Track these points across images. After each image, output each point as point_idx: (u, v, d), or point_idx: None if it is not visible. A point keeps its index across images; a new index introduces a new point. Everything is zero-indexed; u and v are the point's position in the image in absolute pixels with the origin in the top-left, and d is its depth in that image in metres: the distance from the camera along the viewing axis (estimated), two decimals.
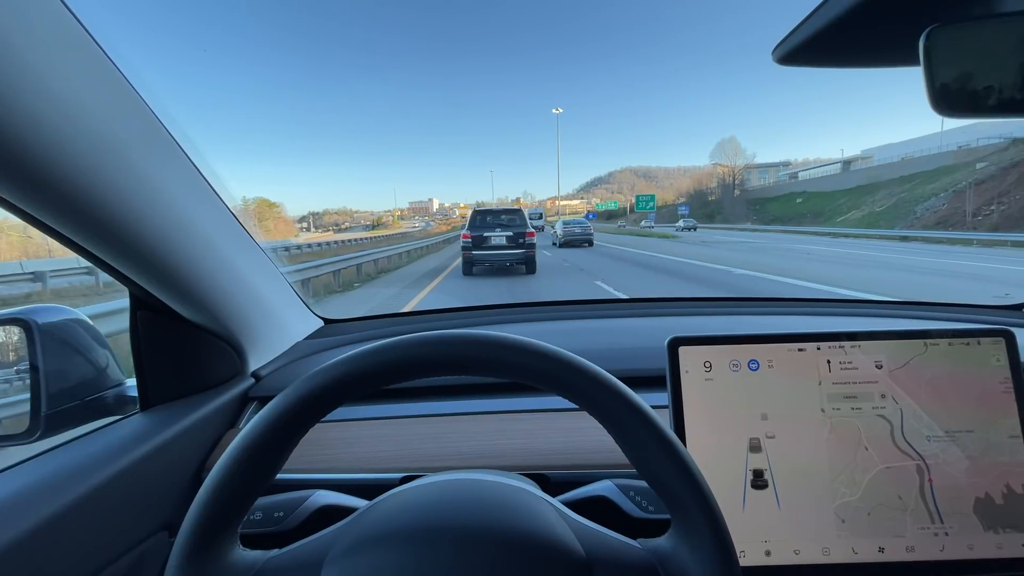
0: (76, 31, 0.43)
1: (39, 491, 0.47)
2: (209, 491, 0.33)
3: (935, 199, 30.94)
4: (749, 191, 71.96)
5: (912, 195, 34.11)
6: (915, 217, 30.84)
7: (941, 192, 31.16)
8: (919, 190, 34.03)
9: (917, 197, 33.15)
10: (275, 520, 0.55)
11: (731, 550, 0.33)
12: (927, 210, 30.58)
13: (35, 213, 0.45)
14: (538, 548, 0.34)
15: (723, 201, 73.01)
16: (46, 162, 0.40)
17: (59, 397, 0.60)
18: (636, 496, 0.55)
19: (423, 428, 0.69)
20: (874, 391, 0.51)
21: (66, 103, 0.40)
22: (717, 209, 69.47)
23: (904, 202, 34.00)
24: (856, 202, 41.43)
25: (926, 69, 0.38)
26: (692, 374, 0.52)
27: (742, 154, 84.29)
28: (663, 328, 0.85)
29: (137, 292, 0.61)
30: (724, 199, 73.95)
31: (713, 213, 67.43)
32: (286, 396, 0.34)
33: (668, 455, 0.33)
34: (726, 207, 69.36)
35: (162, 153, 0.54)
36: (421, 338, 0.34)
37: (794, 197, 55.17)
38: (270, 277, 0.80)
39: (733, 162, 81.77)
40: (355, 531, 0.36)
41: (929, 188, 32.98)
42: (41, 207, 0.44)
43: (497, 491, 0.39)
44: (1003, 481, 0.48)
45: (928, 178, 35.10)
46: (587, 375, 0.34)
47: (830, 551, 0.49)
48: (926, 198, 31.93)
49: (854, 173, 49.05)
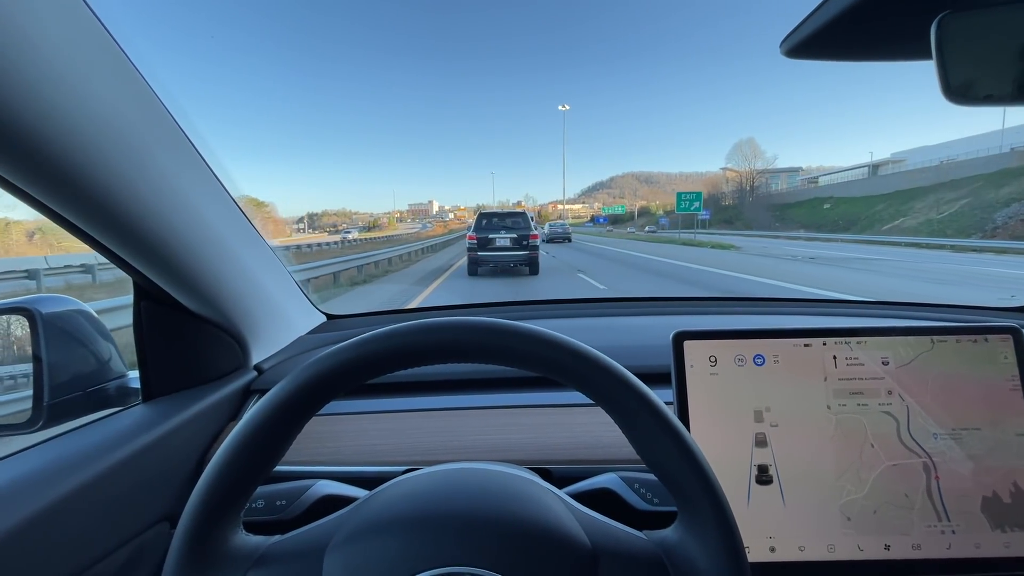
0: (92, 24, 0.46)
1: (39, 479, 0.49)
2: (210, 478, 0.35)
3: (1019, 204, 28.35)
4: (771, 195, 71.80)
5: (979, 200, 32.18)
6: (995, 226, 27.84)
7: (1021, 197, 28.79)
8: (987, 195, 32.09)
9: (988, 203, 31.06)
10: (277, 508, 0.58)
11: (738, 541, 0.34)
12: (1011, 217, 27.59)
13: (46, 201, 0.48)
14: (544, 538, 0.35)
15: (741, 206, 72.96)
16: (59, 152, 0.43)
17: (62, 387, 0.63)
18: (641, 488, 0.57)
19: (427, 422, 0.72)
20: (880, 388, 0.53)
21: (79, 95, 0.43)
22: (736, 214, 69.34)
23: (973, 208, 31.90)
24: (901, 208, 39.95)
25: (938, 57, 0.40)
26: (697, 369, 0.55)
27: (762, 156, 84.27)
28: (668, 326, 0.88)
29: (142, 282, 0.64)
30: (742, 204, 73.90)
31: (732, 218, 67.28)
32: (287, 383, 0.35)
33: (676, 445, 0.35)
34: (746, 212, 69.24)
35: (171, 144, 0.57)
36: (423, 325, 0.36)
37: (820, 202, 54.81)
38: (274, 271, 0.84)
39: (751, 165, 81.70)
40: (359, 518, 0.38)
41: (1003, 192, 30.93)
42: (52, 195, 0.47)
43: (502, 480, 0.41)
44: (1010, 479, 0.51)
45: (992, 182, 33.19)
46: (592, 362, 0.35)
47: (835, 548, 0.51)
48: (1004, 203, 29.55)
49: (885, 178, 48.46)
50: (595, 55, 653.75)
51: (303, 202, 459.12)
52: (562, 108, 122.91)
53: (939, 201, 35.67)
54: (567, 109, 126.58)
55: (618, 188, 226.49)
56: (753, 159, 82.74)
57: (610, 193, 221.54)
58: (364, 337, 0.36)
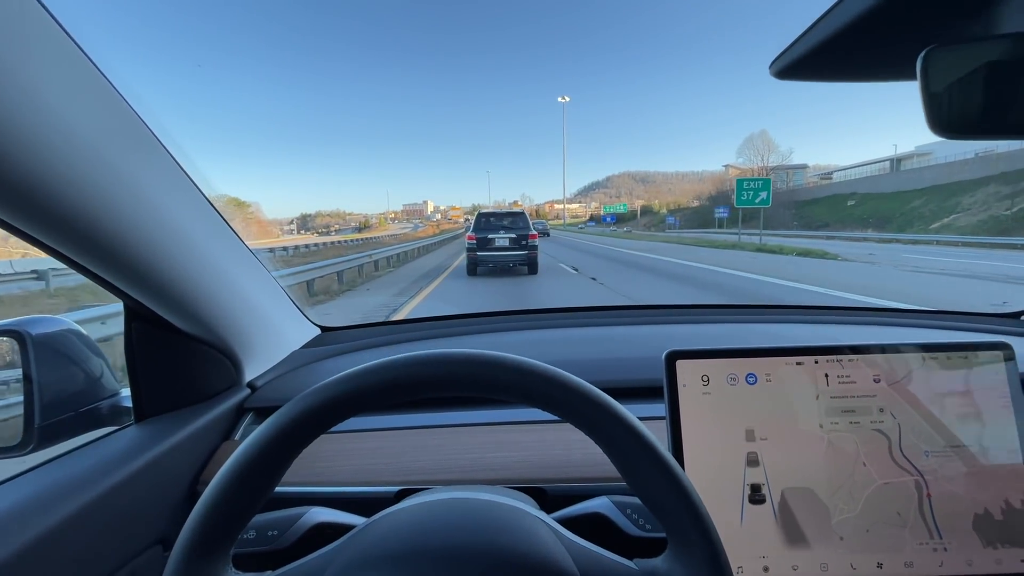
0: (59, 37, 0.45)
1: (32, 507, 0.51)
2: (206, 507, 0.36)
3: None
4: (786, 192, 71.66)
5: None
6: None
7: None
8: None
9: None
10: (269, 539, 0.60)
11: (727, 572, 0.36)
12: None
13: (22, 227, 0.48)
14: (532, 569, 0.38)
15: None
16: (33, 173, 0.43)
17: (53, 408, 0.66)
18: (633, 514, 0.60)
19: (419, 440, 0.76)
20: (872, 405, 0.57)
21: (52, 112, 0.44)
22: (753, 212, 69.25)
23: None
24: (944, 205, 38.22)
25: (924, 91, 0.43)
26: (690, 388, 0.58)
27: (776, 150, 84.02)
28: (661, 337, 0.92)
29: (131, 304, 0.67)
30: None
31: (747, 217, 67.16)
32: (287, 411, 0.37)
33: (663, 476, 0.37)
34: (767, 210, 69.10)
35: (153, 162, 0.58)
36: (421, 357, 0.39)
37: (842, 199, 54.29)
38: (265, 285, 0.87)
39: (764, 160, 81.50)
40: (348, 553, 0.40)
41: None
42: (29, 220, 0.48)
43: (491, 511, 0.43)
44: (1002, 496, 0.54)
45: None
46: (580, 394, 0.38)
47: (828, 567, 0.54)
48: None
49: (915, 172, 47.51)
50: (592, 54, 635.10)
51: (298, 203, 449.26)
52: (562, 100, 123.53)
53: (994, 196, 34.02)
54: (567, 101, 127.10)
55: (615, 188, 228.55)
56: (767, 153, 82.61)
57: (607, 193, 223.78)
58: (368, 367, 0.39)
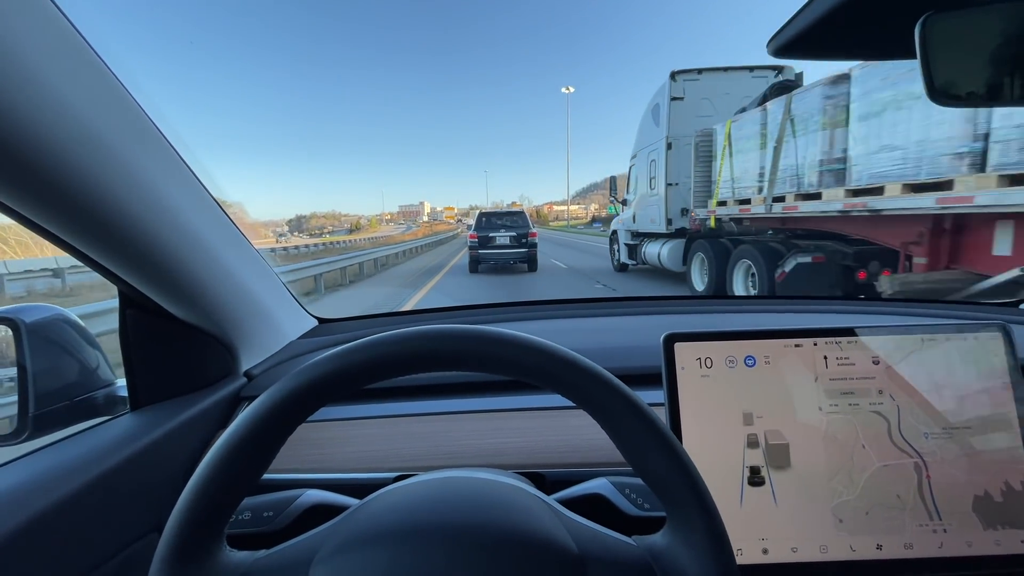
0: (64, 27, 0.49)
1: (25, 491, 0.54)
2: (193, 491, 0.37)
3: None
4: None
5: None
6: None
7: None
8: None
9: None
10: (264, 520, 0.63)
11: (727, 546, 0.37)
12: None
13: (21, 210, 0.51)
14: (531, 546, 0.39)
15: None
16: (32, 158, 0.46)
17: (47, 397, 0.69)
18: (632, 494, 0.64)
19: (417, 427, 0.79)
20: (871, 387, 0.60)
21: (53, 98, 0.46)
22: None
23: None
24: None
25: (922, 58, 0.46)
26: (688, 371, 0.61)
27: None
28: (658, 326, 0.96)
29: (126, 290, 0.71)
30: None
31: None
32: (273, 393, 0.38)
33: (662, 450, 0.38)
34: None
35: (151, 149, 0.61)
36: (411, 333, 0.39)
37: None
38: (263, 275, 0.92)
39: None
40: (345, 530, 0.41)
41: None
42: (27, 203, 0.50)
43: (489, 489, 0.45)
44: (1002, 478, 0.57)
45: None
46: (578, 368, 0.39)
47: (828, 549, 0.57)
48: None
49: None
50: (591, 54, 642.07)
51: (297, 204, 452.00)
52: (565, 91, 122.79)
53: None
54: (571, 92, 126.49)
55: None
56: None
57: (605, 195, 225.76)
58: (352, 345, 0.39)
